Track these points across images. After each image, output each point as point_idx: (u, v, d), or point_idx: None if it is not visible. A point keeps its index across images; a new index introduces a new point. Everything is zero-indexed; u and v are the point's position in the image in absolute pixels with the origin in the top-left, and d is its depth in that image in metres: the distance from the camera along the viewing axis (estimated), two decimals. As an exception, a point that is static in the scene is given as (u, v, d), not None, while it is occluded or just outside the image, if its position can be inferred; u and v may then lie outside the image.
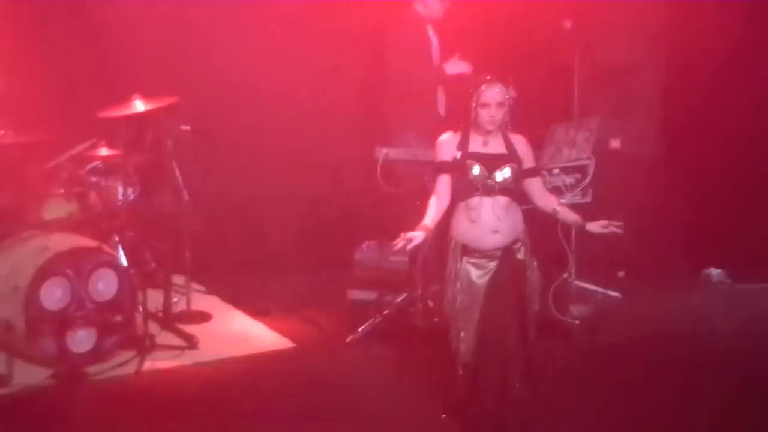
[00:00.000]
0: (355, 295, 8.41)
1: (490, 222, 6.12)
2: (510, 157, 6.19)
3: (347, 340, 7.76)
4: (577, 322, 8.07)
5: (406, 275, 8.16)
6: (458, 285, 6.22)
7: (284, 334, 7.86)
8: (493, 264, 6.16)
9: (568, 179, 7.98)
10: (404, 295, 8.00)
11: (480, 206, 6.12)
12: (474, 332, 6.18)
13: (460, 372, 6.26)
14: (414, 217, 6.24)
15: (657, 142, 9.39)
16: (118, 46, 8.79)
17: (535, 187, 6.38)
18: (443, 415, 6.44)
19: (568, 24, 8.60)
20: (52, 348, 7.11)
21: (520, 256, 6.21)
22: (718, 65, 9.04)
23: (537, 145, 7.13)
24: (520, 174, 6.23)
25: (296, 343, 7.73)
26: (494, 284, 6.15)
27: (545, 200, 6.41)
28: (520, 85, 6.41)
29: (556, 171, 7.95)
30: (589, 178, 8.06)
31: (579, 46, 8.82)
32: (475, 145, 6.18)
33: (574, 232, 7.87)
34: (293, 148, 9.27)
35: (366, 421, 6.50)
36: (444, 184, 6.21)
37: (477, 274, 6.19)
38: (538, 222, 7.08)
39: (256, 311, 8.28)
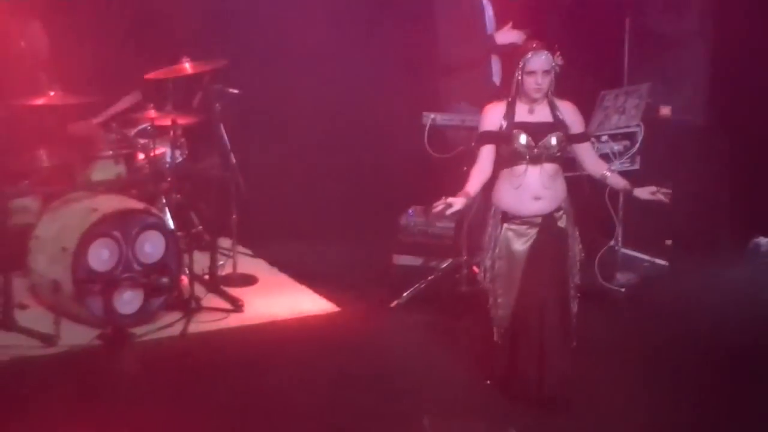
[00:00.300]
0: (401, 260, 8.41)
1: (534, 188, 6.11)
2: (556, 125, 6.17)
3: (392, 305, 7.76)
4: (623, 290, 8.03)
5: (451, 241, 8.16)
6: (497, 251, 6.22)
7: (329, 298, 7.87)
8: (533, 231, 6.15)
9: (617, 146, 7.94)
10: (449, 261, 7.98)
11: (525, 174, 6.11)
12: (512, 299, 6.19)
13: (496, 338, 6.28)
14: (461, 183, 6.24)
15: (707, 110, 9.29)
16: (168, 6, 8.80)
17: (585, 152, 6.37)
18: (487, 382, 6.45)
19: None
20: (99, 309, 7.17)
21: (561, 224, 6.19)
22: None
23: (586, 112, 7.08)
24: (567, 141, 6.21)
25: (341, 307, 7.75)
26: (535, 251, 6.14)
27: (595, 166, 6.40)
28: (569, 52, 6.38)
29: (604, 138, 7.91)
30: (637, 145, 8.02)
31: (630, 11, 8.75)
32: (521, 113, 6.17)
33: (621, 199, 7.85)
34: (342, 111, 9.28)
35: (409, 386, 6.51)
36: (487, 153, 6.19)
37: (517, 241, 6.18)
38: (585, 189, 7.08)
39: (302, 275, 8.29)
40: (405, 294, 7.80)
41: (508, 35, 8.09)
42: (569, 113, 6.27)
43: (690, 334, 7.33)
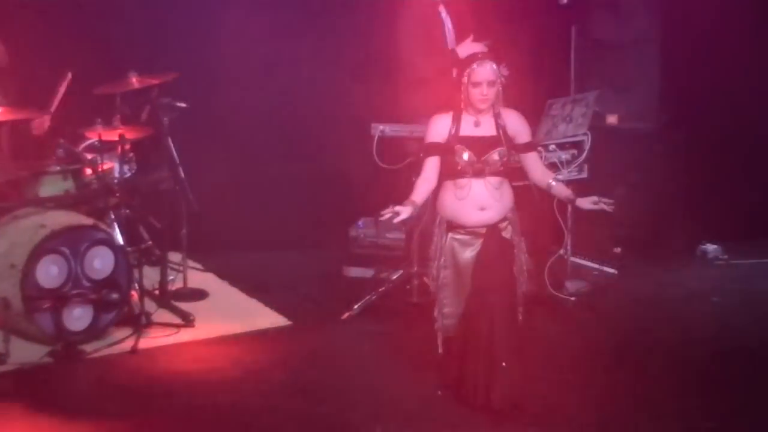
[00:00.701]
0: (351, 272, 8.44)
1: (479, 199, 6.12)
2: (500, 139, 6.17)
3: (343, 317, 7.76)
4: (573, 298, 8.06)
5: (402, 252, 8.18)
6: (442, 260, 6.24)
7: (280, 311, 7.86)
8: (478, 242, 6.16)
9: (564, 155, 7.98)
10: (400, 272, 8.00)
11: (469, 186, 6.12)
12: (460, 308, 6.20)
13: (440, 350, 6.30)
14: (410, 194, 6.24)
15: (655, 117, 9.36)
16: (116, 21, 8.78)
17: (530, 161, 6.37)
18: (439, 392, 6.45)
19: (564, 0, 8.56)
20: (49, 326, 7.12)
21: (506, 234, 6.21)
22: (717, 40, 9.02)
23: (533, 121, 7.10)
24: (513, 151, 6.22)
25: (292, 320, 7.74)
26: (480, 261, 6.15)
27: (542, 175, 6.40)
28: (516, 61, 6.40)
29: (552, 147, 7.95)
30: (585, 154, 8.06)
31: (576, 19, 8.80)
32: (467, 126, 6.17)
33: (570, 208, 7.88)
34: (292, 123, 9.27)
35: (362, 397, 6.51)
36: (432, 164, 6.19)
37: (463, 251, 6.19)
38: (533, 198, 7.11)
39: (253, 289, 8.28)
40: (356, 306, 7.80)
41: (470, 48, 7.97)
42: (515, 123, 6.26)
43: (640, 341, 7.38)
